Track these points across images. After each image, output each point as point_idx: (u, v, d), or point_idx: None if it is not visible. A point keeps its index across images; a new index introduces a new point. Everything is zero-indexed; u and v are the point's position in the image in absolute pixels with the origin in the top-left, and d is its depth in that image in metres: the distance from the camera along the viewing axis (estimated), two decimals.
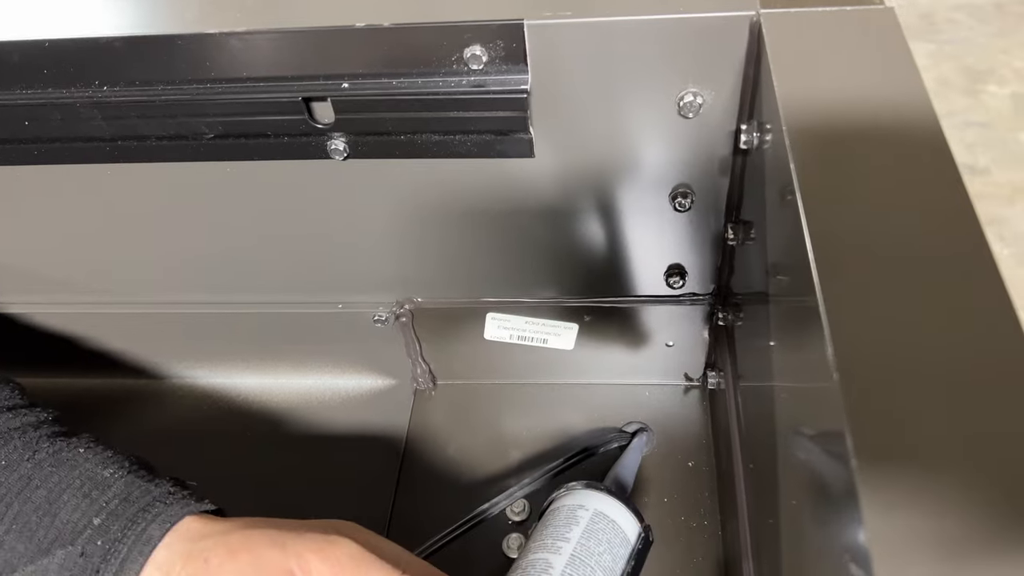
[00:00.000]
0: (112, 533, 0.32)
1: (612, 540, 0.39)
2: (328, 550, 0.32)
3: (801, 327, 0.26)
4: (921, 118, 0.28)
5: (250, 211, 0.43)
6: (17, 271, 0.49)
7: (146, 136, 0.38)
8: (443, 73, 0.35)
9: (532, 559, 0.38)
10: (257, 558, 0.32)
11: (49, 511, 0.33)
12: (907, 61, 0.30)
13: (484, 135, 0.37)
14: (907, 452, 0.20)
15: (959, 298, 0.23)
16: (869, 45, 0.31)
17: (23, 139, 0.39)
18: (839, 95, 0.29)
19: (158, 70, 0.36)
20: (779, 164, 0.31)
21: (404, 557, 0.33)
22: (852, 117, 0.28)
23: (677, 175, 0.39)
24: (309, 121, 0.37)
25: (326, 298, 0.49)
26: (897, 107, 0.28)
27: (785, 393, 0.31)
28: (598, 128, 0.37)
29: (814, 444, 0.25)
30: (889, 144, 0.27)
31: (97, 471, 0.35)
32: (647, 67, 0.35)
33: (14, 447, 0.35)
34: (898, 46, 0.31)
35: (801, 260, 0.25)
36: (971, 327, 0.22)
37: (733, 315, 0.44)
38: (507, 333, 0.51)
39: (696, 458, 0.50)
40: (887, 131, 0.28)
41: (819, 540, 0.25)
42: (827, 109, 0.29)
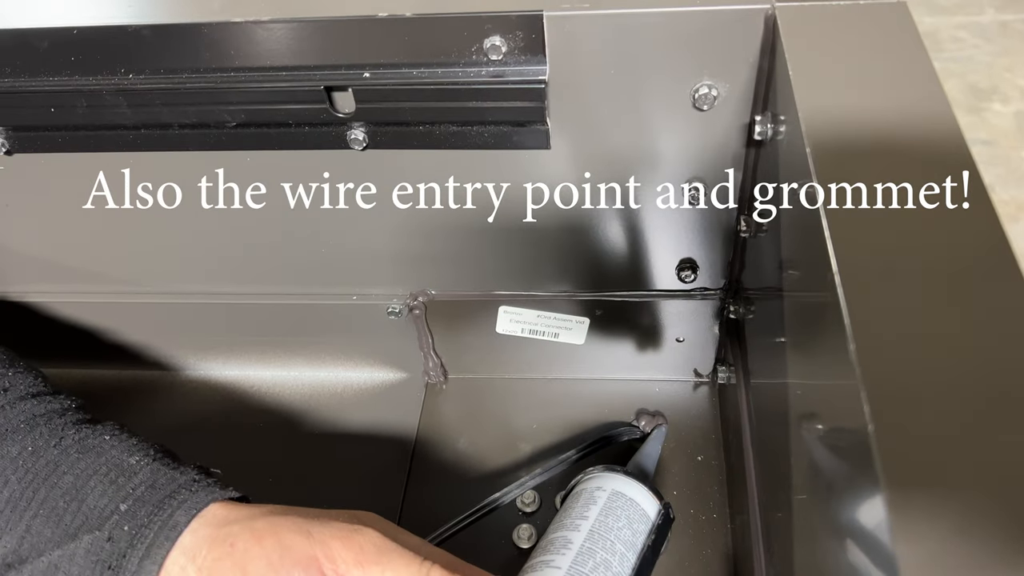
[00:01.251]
0: (139, 519, 0.33)
1: (631, 516, 0.40)
2: (353, 538, 0.32)
3: (819, 322, 0.26)
4: (934, 110, 0.28)
5: (268, 202, 0.44)
6: (35, 260, 0.50)
7: (169, 124, 0.39)
8: (463, 64, 0.35)
9: (552, 538, 0.40)
10: (282, 543, 0.32)
11: (76, 497, 0.34)
12: (920, 54, 0.31)
13: (501, 126, 0.38)
14: (934, 452, 0.20)
15: (983, 294, 0.23)
16: (883, 39, 0.32)
17: (48, 126, 0.40)
18: (854, 88, 0.30)
19: (183, 58, 0.36)
20: (794, 155, 0.31)
21: (425, 548, 0.34)
22: (867, 109, 0.29)
23: (690, 168, 0.40)
24: (330, 110, 0.37)
25: (340, 289, 0.50)
26: (911, 100, 0.29)
27: (800, 388, 0.31)
28: (613, 120, 0.38)
29: (833, 441, 0.25)
30: (905, 135, 0.28)
31: (123, 458, 0.35)
32: (663, 59, 0.35)
33: (40, 433, 0.36)
34: (911, 39, 0.32)
35: (819, 254, 0.25)
36: (994, 324, 0.22)
37: (744, 308, 0.45)
38: (519, 327, 0.52)
39: (705, 453, 0.51)
40: (902, 122, 0.28)
41: (835, 537, 0.25)
42: (842, 101, 0.29)
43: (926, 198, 0.25)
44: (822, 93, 0.30)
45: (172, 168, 0.42)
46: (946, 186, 0.26)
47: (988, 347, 0.22)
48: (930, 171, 0.26)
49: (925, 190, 0.26)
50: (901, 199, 0.26)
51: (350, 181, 0.42)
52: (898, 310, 0.23)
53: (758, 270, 0.41)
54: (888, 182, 0.26)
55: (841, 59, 0.31)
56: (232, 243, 0.47)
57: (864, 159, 0.27)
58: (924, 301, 0.23)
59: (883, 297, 0.23)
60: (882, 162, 0.27)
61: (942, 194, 0.25)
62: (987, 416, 0.20)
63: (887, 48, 0.31)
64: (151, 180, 0.44)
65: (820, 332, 0.26)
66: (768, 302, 0.39)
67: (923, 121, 0.28)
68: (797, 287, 0.31)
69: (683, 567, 0.46)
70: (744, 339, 0.46)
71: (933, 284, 0.23)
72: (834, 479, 0.25)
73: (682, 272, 0.46)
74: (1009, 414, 0.20)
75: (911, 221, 0.25)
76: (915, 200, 0.25)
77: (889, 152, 0.27)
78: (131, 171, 0.43)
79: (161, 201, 0.45)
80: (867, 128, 0.28)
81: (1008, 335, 0.22)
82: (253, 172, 0.42)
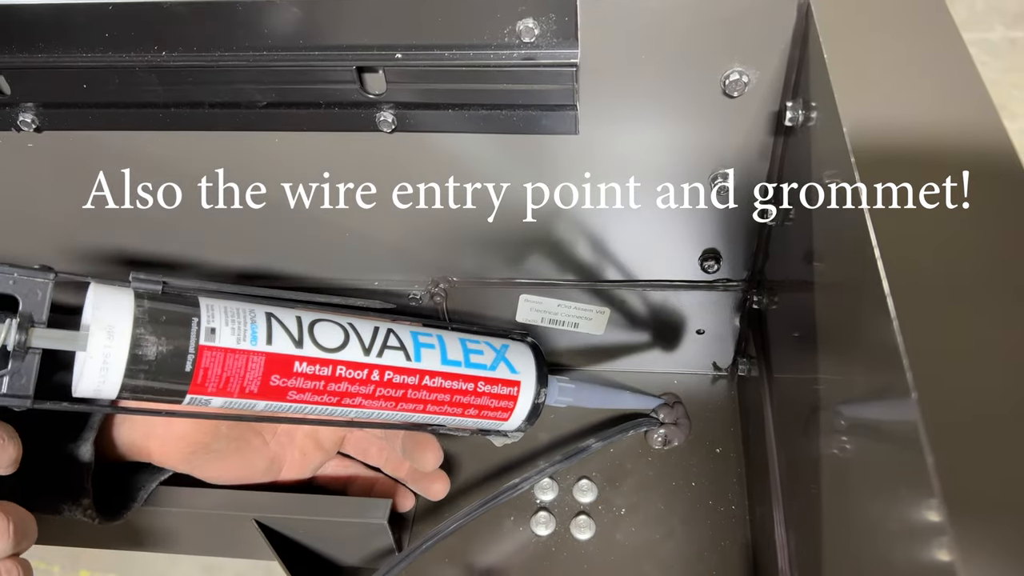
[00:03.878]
0: None
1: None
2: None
3: (859, 315, 0.26)
4: (970, 90, 0.28)
5: (294, 185, 0.44)
6: (58, 238, 0.50)
7: (200, 103, 0.39)
8: (495, 45, 0.36)
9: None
10: None
11: None
12: (955, 38, 0.31)
13: (530, 110, 0.38)
14: (991, 453, 0.19)
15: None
16: (917, 24, 0.32)
17: (79, 103, 0.40)
18: (891, 75, 0.30)
19: (216, 36, 0.36)
20: (826, 142, 0.31)
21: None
22: (905, 96, 0.29)
23: (718, 156, 0.40)
24: (361, 91, 0.38)
25: (362, 275, 0.50)
26: (949, 87, 0.29)
27: (833, 381, 0.31)
28: (642, 106, 0.38)
29: (874, 438, 0.25)
30: (943, 118, 0.28)
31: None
32: (695, 44, 0.35)
33: None
34: (946, 24, 0.31)
35: (858, 245, 0.25)
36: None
37: (768, 299, 0.45)
38: (539, 316, 0.52)
39: (724, 445, 0.51)
40: (940, 109, 0.28)
41: (871, 533, 0.25)
42: (879, 88, 0.29)
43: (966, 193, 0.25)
44: (859, 79, 0.30)
45: (199, 148, 0.42)
46: (985, 165, 0.25)
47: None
48: (968, 151, 0.26)
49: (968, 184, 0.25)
50: (944, 194, 0.25)
51: (376, 165, 0.42)
52: (947, 306, 0.22)
53: (785, 260, 0.41)
54: (930, 174, 0.26)
55: (877, 45, 0.31)
56: (255, 227, 0.47)
57: (904, 148, 0.27)
58: (975, 297, 0.22)
59: (931, 291, 0.22)
60: (922, 151, 0.27)
61: (983, 172, 0.25)
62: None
63: (921, 34, 0.31)
64: (151, 180, 0.44)
65: (860, 325, 0.26)
66: (795, 293, 0.38)
67: (957, 102, 0.28)
68: (831, 278, 0.31)
69: (702, 557, 0.46)
70: (767, 331, 0.46)
71: (986, 281, 0.23)
72: (872, 475, 0.25)
73: (705, 262, 0.46)
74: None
75: (954, 214, 0.24)
76: (957, 195, 0.25)
77: (929, 139, 0.27)
78: (159, 151, 0.43)
79: (161, 201, 0.45)
80: (906, 116, 0.28)
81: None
82: (281, 154, 0.42)
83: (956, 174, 0.25)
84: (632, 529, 0.48)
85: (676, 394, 0.52)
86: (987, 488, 0.19)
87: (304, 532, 0.45)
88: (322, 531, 0.44)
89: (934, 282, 0.23)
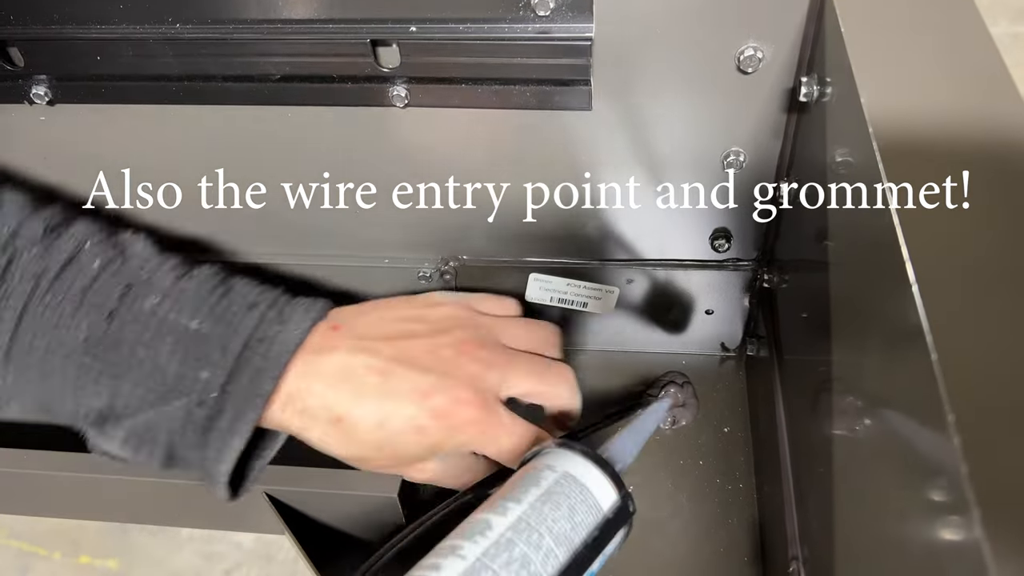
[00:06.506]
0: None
1: (575, 506, 0.33)
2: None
3: (879, 296, 0.26)
4: (990, 67, 0.28)
5: (305, 161, 0.44)
6: None
7: (213, 76, 0.39)
8: (509, 19, 0.35)
9: (475, 518, 0.33)
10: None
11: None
12: (974, 13, 0.31)
13: (544, 85, 0.38)
14: (1016, 428, 0.19)
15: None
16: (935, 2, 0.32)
17: (93, 76, 0.40)
18: (909, 50, 0.30)
19: (231, 8, 0.36)
20: (842, 118, 0.31)
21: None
22: (924, 69, 0.29)
23: (731, 134, 0.40)
24: (374, 64, 0.38)
25: (373, 252, 0.50)
26: (966, 56, 0.29)
27: (845, 361, 0.31)
28: (656, 82, 0.38)
29: (894, 421, 0.25)
30: (961, 93, 0.28)
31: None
32: (709, 20, 0.35)
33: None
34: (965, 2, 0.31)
35: (878, 219, 0.25)
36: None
37: (779, 278, 0.45)
38: (548, 295, 0.52)
39: (731, 424, 0.51)
40: (959, 81, 0.28)
41: (885, 515, 0.25)
42: (898, 63, 0.29)
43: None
44: (877, 53, 0.29)
45: (211, 123, 0.42)
46: (1007, 139, 0.25)
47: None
48: (989, 126, 0.26)
49: (987, 145, 0.25)
50: (964, 155, 0.25)
51: (388, 141, 0.42)
52: (971, 285, 0.22)
53: (796, 239, 0.41)
54: (951, 149, 0.25)
55: (894, 18, 0.31)
56: (265, 203, 0.47)
57: (924, 125, 0.27)
58: (1000, 274, 0.22)
59: (954, 270, 0.22)
60: (944, 126, 0.26)
61: (1015, 173, 0.25)
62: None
63: (941, 10, 0.31)
64: (151, 180, 0.44)
65: (878, 303, 0.26)
66: (807, 273, 0.38)
67: (975, 76, 0.28)
68: (845, 257, 0.31)
69: (709, 535, 0.46)
70: (777, 310, 0.46)
71: (1011, 258, 0.22)
72: (887, 454, 0.25)
73: (715, 241, 0.46)
74: None
75: (978, 176, 0.24)
76: (980, 177, 0.24)
77: (950, 113, 0.27)
78: (171, 126, 0.43)
79: (161, 201, 0.45)
80: (926, 92, 0.28)
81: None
82: (293, 129, 0.42)
83: (981, 152, 0.25)
84: (640, 507, 0.48)
85: (685, 373, 0.52)
86: (1014, 467, 0.18)
87: (315, 506, 0.45)
88: (333, 504, 0.45)
89: (957, 261, 0.23)
